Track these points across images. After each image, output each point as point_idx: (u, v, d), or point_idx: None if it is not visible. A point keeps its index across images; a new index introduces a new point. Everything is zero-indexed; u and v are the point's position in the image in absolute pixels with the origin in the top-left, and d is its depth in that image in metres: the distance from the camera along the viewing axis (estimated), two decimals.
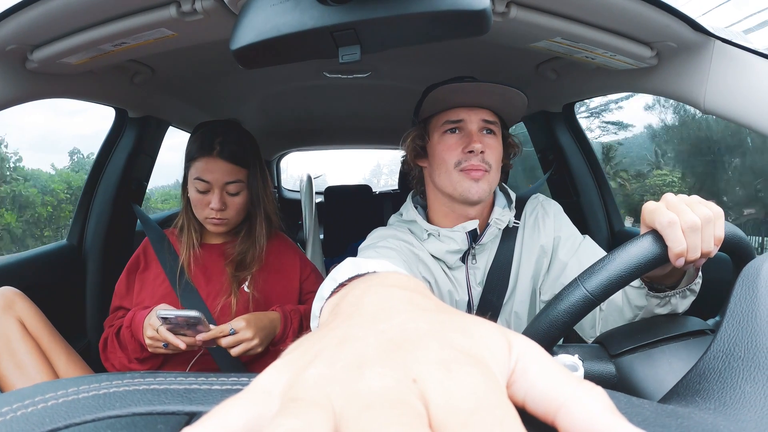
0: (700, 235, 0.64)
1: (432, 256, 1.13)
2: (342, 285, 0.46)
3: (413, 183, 1.25)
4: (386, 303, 0.28)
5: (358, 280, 0.40)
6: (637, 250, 0.65)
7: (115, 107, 1.76)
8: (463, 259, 1.14)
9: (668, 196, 0.68)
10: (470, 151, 1.06)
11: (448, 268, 1.13)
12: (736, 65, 1.02)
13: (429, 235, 1.13)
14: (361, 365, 0.20)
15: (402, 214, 1.23)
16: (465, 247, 1.11)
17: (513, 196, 1.20)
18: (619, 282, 0.63)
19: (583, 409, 0.19)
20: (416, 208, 1.19)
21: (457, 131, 1.10)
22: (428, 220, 1.18)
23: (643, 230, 0.69)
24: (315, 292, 1.42)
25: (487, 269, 1.15)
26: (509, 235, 1.17)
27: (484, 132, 1.10)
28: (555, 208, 1.21)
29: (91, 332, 1.81)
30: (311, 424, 0.17)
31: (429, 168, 1.16)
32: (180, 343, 1.16)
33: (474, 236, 1.12)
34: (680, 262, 0.65)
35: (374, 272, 0.46)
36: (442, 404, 0.18)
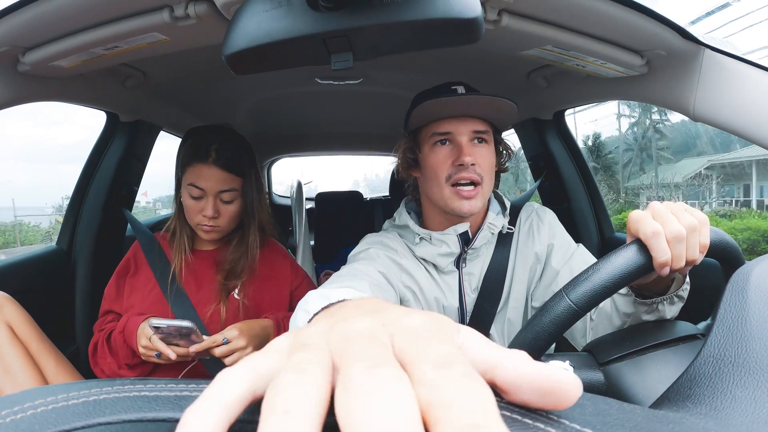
0: (685, 243, 0.65)
1: (422, 259, 1.13)
2: (315, 315, 0.48)
3: (408, 190, 1.25)
4: (363, 302, 0.36)
5: (331, 307, 0.46)
6: (622, 260, 0.65)
7: (106, 111, 1.75)
8: (457, 265, 1.14)
9: (654, 205, 0.69)
10: (461, 164, 1.05)
11: (438, 272, 1.13)
12: (726, 73, 1.03)
13: (421, 239, 1.13)
14: (346, 319, 0.28)
15: (395, 219, 1.23)
16: (457, 250, 1.11)
17: (507, 203, 1.20)
18: (604, 292, 0.63)
19: (512, 362, 0.25)
20: (409, 213, 1.19)
21: (447, 143, 1.09)
22: (422, 225, 1.19)
23: (629, 239, 0.69)
24: None
25: (482, 276, 1.14)
26: (504, 241, 1.17)
27: (475, 141, 1.09)
28: (550, 216, 1.21)
29: (80, 337, 1.79)
30: (319, 356, 0.24)
31: (421, 179, 1.16)
32: (171, 353, 1.15)
33: (466, 240, 1.12)
34: (665, 271, 0.65)
35: (344, 300, 0.49)
36: (401, 332, 0.26)
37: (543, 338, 0.63)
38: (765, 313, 0.42)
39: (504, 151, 1.18)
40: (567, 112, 1.97)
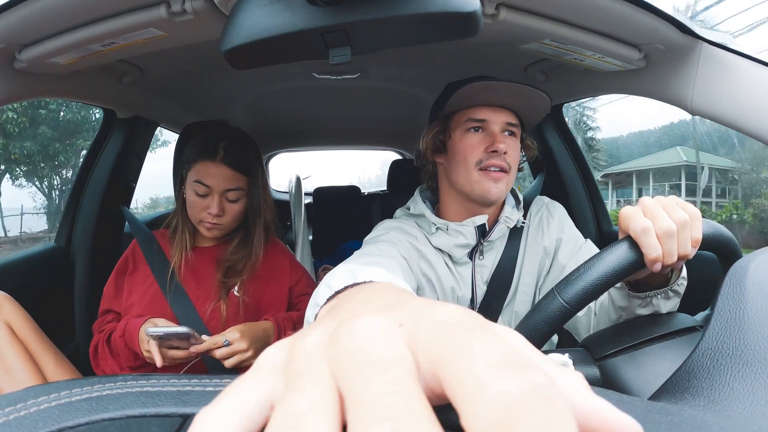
0: (676, 239, 0.65)
1: (438, 249, 1.13)
2: (337, 293, 0.46)
3: (424, 178, 1.24)
4: (378, 292, 0.31)
5: (352, 289, 0.42)
6: (613, 257, 0.65)
7: (103, 108, 1.74)
8: (471, 256, 1.14)
9: (645, 200, 0.69)
10: (493, 151, 1.06)
11: (453, 263, 1.13)
12: (723, 67, 1.04)
13: (437, 228, 1.13)
14: (351, 319, 0.21)
15: (409, 208, 1.22)
16: (473, 242, 1.11)
17: (521, 197, 1.21)
18: (595, 291, 0.63)
19: (566, 385, 0.19)
20: (424, 202, 1.19)
21: (480, 130, 1.10)
22: (437, 214, 1.18)
23: (620, 236, 0.69)
24: (307, 294, 1.40)
25: (494, 268, 1.15)
26: (515, 235, 1.17)
27: (506, 134, 1.10)
28: (560, 211, 1.21)
29: (79, 335, 1.79)
30: (319, 397, 0.18)
31: (446, 164, 1.15)
32: (159, 361, 1.15)
33: (483, 232, 1.12)
34: (657, 267, 0.65)
35: (370, 281, 0.47)
36: (428, 330, 0.19)
37: (536, 336, 0.63)
38: (762, 306, 0.42)
39: (529, 145, 1.19)
40: None
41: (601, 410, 0.18)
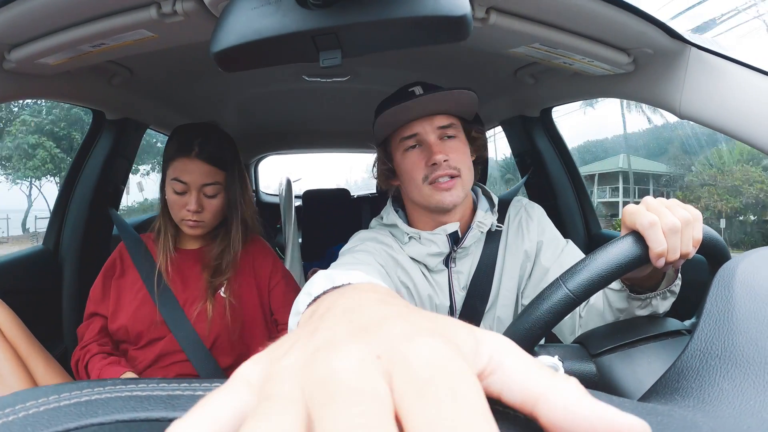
0: (680, 236, 0.66)
1: (413, 259, 1.12)
2: (317, 298, 0.46)
3: (393, 199, 1.25)
4: (358, 302, 0.30)
5: (333, 292, 0.42)
6: (618, 250, 0.66)
7: (92, 109, 1.73)
8: (446, 263, 1.13)
9: (648, 199, 0.70)
10: (434, 164, 1.05)
11: (429, 271, 1.12)
12: (712, 72, 1.05)
13: (410, 238, 1.12)
14: (329, 346, 0.21)
15: (383, 218, 1.22)
16: (446, 250, 1.10)
17: (495, 200, 1.20)
18: (600, 282, 0.64)
19: (562, 396, 0.19)
20: (397, 212, 1.19)
21: (416, 146, 1.09)
22: (409, 224, 1.18)
23: (623, 232, 0.70)
24: (284, 303, 1.40)
25: (471, 274, 1.14)
26: (493, 239, 1.16)
27: (444, 138, 1.09)
28: (539, 213, 1.21)
29: (68, 338, 1.77)
30: (282, 426, 0.18)
31: (402, 185, 1.16)
32: None
33: (455, 239, 1.11)
34: (660, 263, 0.66)
35: (348, 284, 0.47)
36: (403, 376, 0.19)
37: (539, 326, 0.63)
38: (750, 307, 0.43)
39: (477, 135, 1.18)
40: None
41: (605, 416, 0.19)
